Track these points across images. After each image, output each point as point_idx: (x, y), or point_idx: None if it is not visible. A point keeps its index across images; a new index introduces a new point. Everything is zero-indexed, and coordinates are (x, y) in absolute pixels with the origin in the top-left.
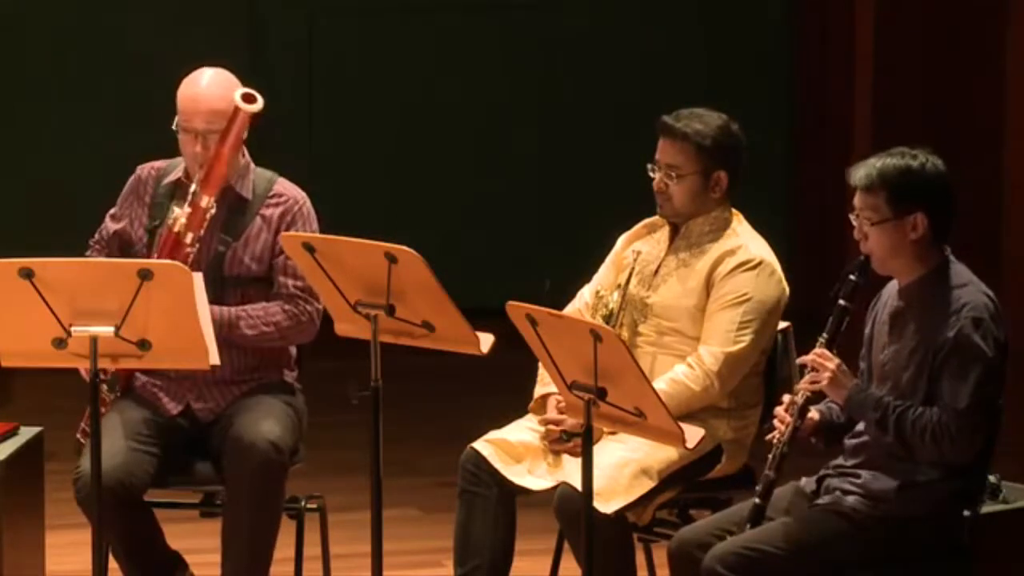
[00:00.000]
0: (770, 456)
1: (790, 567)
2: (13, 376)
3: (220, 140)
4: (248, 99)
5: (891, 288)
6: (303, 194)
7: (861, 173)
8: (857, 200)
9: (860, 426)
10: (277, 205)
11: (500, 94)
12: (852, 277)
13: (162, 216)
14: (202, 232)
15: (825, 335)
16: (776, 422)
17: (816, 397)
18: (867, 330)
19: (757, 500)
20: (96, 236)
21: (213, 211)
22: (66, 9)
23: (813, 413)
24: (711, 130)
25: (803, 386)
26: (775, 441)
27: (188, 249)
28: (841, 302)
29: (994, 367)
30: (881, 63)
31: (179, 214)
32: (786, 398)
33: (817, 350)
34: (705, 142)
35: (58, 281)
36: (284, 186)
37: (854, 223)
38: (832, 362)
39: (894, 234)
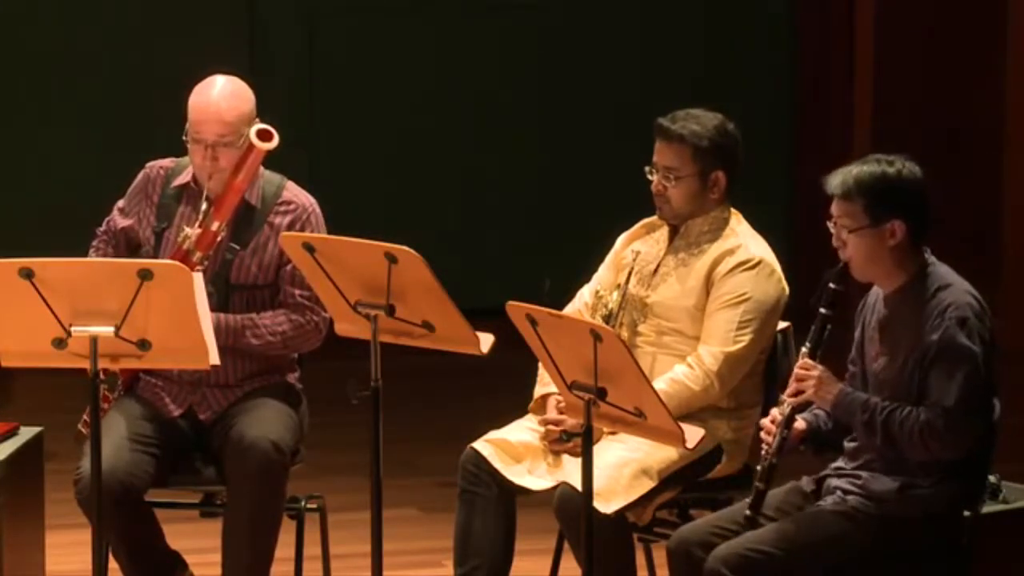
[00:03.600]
0: (758, 468)
1: (792, 568)
2: (13, 376)
3: (234, 172)
4: (264, 136)
5: (876, 293)
6: (312, 200)
7: (837, 181)
8: (834, 208)
9: None
10: (286, 213)
11: (500, 94)
12: (832, 285)
13: (169, 219)
14: (210, 252)
15: (808, 344)
16: (763, 434)
17: (803, 406)
18: (856, 334)
19: (748, 512)
20: (103, 227)
21: (223, 235)
22: (66, 8)
23: (800, 422)
24: (707, 131)
25: (787, 398)
26: (763, 453)
27: (197, 268)
28: (822, 310)
29: (982, 365)
30: (881, 63)
31: (189, 233)
32: (773, 411)
33: (801, 360)
34: (702, 143)
35: (58, 281)
36: (293, 192)
37: (832, 231)
38: (816, 370)
39: (872, 241)
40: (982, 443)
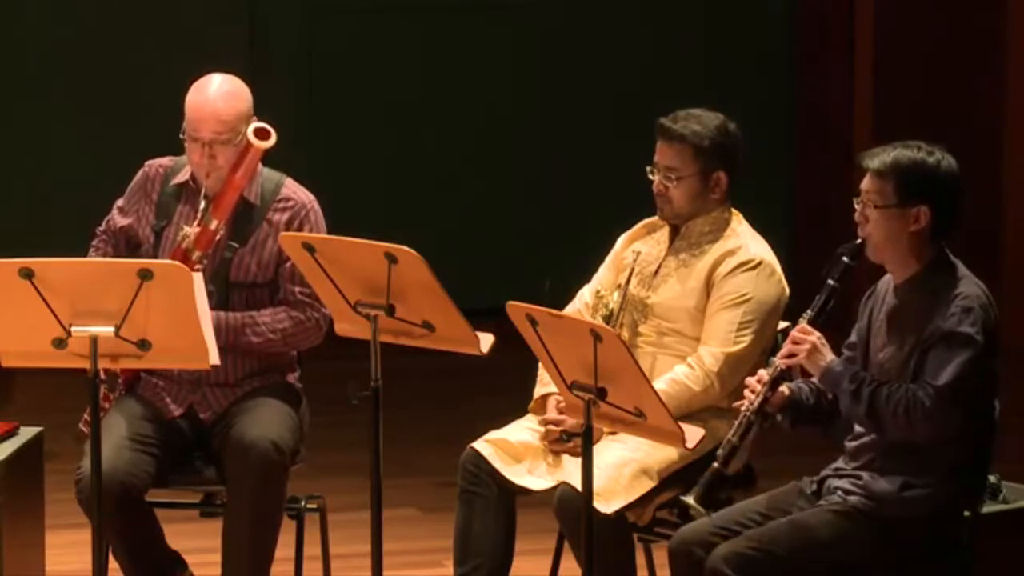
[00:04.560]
0: (736, 422)
1: (793, 567)
2: (13, 376)
3: (232, 170)
4: (261, 135)
5: (887, 283)
6: (311, 197)
7: (876, 158)
8: (865, 183)
9: (859, 428)
10: (284, 210)
11: (500, 94)
12: (845, 259)
13: (168, 217)
14: (209, 251)
15: (810, 311)
16: (746, 391)
17: (790, 373)
18: (862, 323)
19: (716, 464)
20: (103, 226)
21: (222, 233)
22: (65, 8)
23: (784, 388)
24: (708, 131)
25: (779, 359)
26: (743, 409)
27: (197, 267)
28: (830, 281)
29: (982, 355)
30: (881, 63)
31: (188, 232)
32: (761, 371)
33: (800, 325)
34: (703, 143)
35: (58, 281)
36: (292, 189)
37: (857, 207)
38: (812, 335)
39: (895, 222)
40: (982, 443)
